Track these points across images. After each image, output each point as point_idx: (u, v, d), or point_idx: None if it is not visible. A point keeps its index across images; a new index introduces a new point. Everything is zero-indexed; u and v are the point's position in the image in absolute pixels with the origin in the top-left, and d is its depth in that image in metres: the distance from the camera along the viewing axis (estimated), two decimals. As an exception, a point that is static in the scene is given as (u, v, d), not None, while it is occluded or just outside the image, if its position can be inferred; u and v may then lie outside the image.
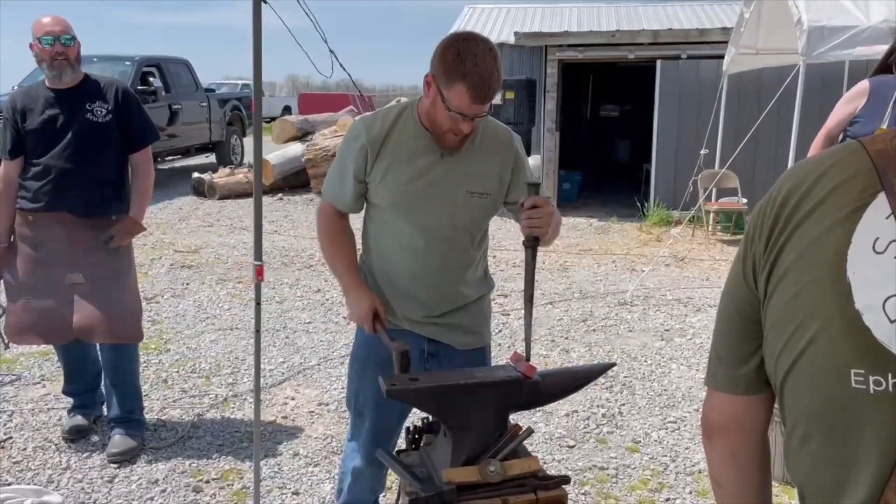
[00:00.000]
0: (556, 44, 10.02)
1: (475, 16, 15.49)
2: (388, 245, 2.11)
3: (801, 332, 0.87)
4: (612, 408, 3.82)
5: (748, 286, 0.97)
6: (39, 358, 4.38)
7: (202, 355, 4.52)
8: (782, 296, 0.90)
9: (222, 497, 2.98)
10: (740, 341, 1.00)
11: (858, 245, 0.84)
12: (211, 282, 6.16)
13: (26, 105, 3.14)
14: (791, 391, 0.91)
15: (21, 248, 3.19)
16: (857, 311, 0.83)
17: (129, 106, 3.22)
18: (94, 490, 3.01)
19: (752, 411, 1.02)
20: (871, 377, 0.82)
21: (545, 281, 6.44)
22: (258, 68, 2.58)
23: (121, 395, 3.35)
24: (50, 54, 3.06)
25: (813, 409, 0.89)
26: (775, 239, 0.91)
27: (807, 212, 0.88)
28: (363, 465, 2.25)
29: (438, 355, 2.14)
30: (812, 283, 0.87)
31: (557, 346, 4.78)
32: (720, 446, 1.06)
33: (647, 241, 8.24)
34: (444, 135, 1.96)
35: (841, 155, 0.90)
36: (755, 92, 8.24)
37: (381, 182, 2.03)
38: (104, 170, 3.17)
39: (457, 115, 1.88)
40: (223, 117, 13.43)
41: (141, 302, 3.42)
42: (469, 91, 1.83)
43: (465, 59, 1.82)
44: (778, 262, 0.91)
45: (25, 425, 3.55)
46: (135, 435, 3.31)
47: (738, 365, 1.00)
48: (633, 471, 3.21)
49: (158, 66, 11.55)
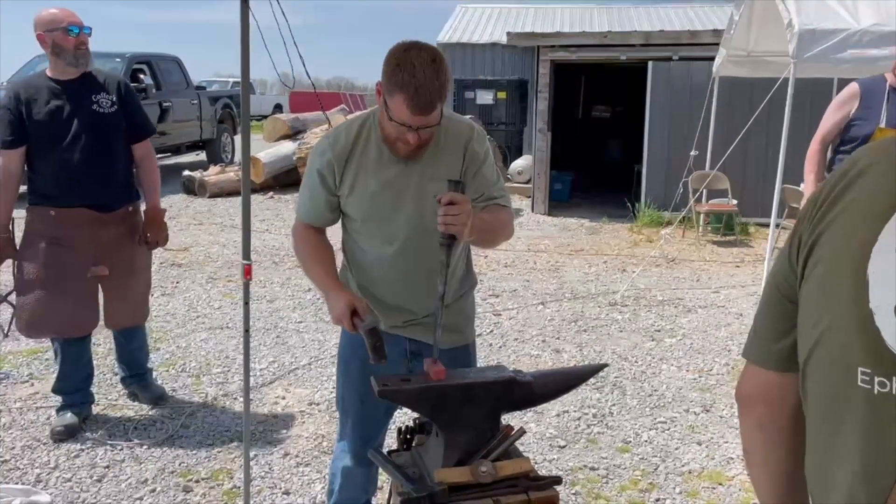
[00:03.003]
0: (549, 44, 10.03)
1: (467, 15, 15.51)
2: (363, 256, 2.12)
3: (820, 322, 0.88)
4: (602, 408, 3.83)
5: (790, 264, 0.97)
6: (28, 357, 4.35)
7: (192, 354, 4.50)
8: (813, 282, 0.91)
9: (212, 497, 2.97)
10: (776, 318, 1.00)
11: (883, 244, 0.83)
12: (201, 280, 6.13)
13: (30, 95, 3.17)
14: (809, 376, 0.92)
15: (35, 241, 3.22)
16: (871, 310, 0.83)
17: (131, 99, 3.35)
18: (83, 489, 2.99)
19: (781, 388, 1.02)
20: (877, 378, 0.82)
21: (536, 281, 6.45)
22: (245, 66, 2.57)
23: (134, 356, 3.70)
24: (75, 43, 3.16)
25: (820, 399, 0.90)
26: (817, 222, 0.92)
27: (850, 201, 0.88)
28: (352, 465, 2.26)
29: (421, 354, 2.13)
30: (836, 274, 0.87)
31: (548, 346, 4.78)
32: (749, 417, 1.07)
33: (638, 242, 8.27)
34: (395, 144, 1.95)
35: (891, 150, 0.90)
36: (746, 94, 8.28)
37: (349, 195, 2.04)
38: (115, 160, 3.29)
39: (399, 126, 1.86)
40: (214, 115, 13.37)
41: (151, 282, 3.69)
42: (407, 102, 1.81)
43: (403, 69, 1.80)
44: (816, 246, 0.91)
45: (13, 424, 3.52)
46: (154, 384, 3.80)
47: (772, 340, 1.01)
48: (624, 471, 3.22)
49: (149, 63, 11.49)
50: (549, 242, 8.18)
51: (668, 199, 8.60)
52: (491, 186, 2.07)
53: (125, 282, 3.37)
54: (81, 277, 3.24)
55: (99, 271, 3.26)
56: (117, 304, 3.37)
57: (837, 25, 5.21)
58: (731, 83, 8.33)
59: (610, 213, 9.71)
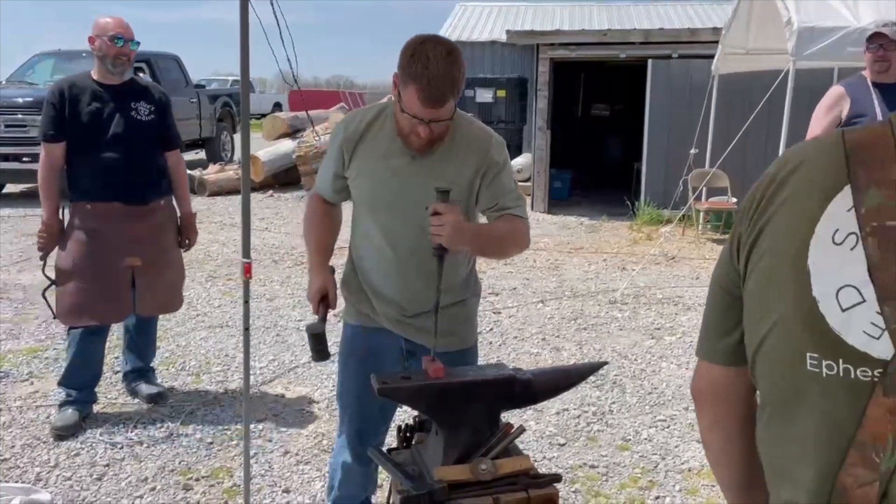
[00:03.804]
0: (548, 42, 10.02)
1: (467, 14, 15.49)
2: (364, 244, 2.14)
3: (767, 315, 0.92)
4: (602, 406, 3.83)
5: (732, 263, 1.01)
6: (27, 355, 4.36)
7: (192, 353, 4.51)
8: (756, 278, 0.95)
9: (212, 495, 2.97)
10: (723, 315, 1.04)
11: (820, 235, 0.88)
12: (201, 279, 6.13)
13: (74, 94, 3.35)
14: (759, 369, 0.97)
15: (76, 234, 3.39)
16: (814, 298, 0.87)
17: (168, 112, 3.58)
18: (83, 488, 2.99)
19: (733, 382, 1.06)
20: (825, 361, 0.86)
21: (536, 279, 6.45)
22: (245, 64, 2.57)
23: (141, 350, 3.79)
24: (116, 52, 3.34)
25: (773, 388, 0.94)
26: (755, 221, 0.96)
27: (785, 197, 0.93)
28: (351, 462, 2.27)
29: (416, 354, 2.13)
30: (779, 268, 0.91)
31: (548, 344, 4.78)
32: (705, 412, 1.12)
33: (637, 240, 8.27)
34: (408, 136, 1.95)
35: (823, 144, 0.94)
36: (745, 92, 8.27)
37: (355, 179, 2.06)
38: (147, 163, 3.47)
39: (411, 118, 1.86)
40: (213, 113, 13.37)
41: (185, 271, 3.80)
42: (419, 93, 1.81)
43: (417, 60, 1.81)
44: (757, 244, 0.95)
45: (13, 422, 3.53)
46: (155, 381, 3.86)
47: (721, 337, 1.05)
48: (624, 469, 3.22)
49: (148, 61, 11.47)
50: (548, 241, 8.18)
51: (667, 197, 8.60)
52: (506, 196, 2.05)
53: (157, 271, 3.52)
54: (115, 268, 3.39)
55: (131, 262, 3.41)
56: (149, 292, 3.50)
57: (837, 23, 5.21)
58: (730, 81, 8.33)
59: (609, 212, 9.70)
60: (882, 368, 0.83)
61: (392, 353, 2.18)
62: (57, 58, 10.99)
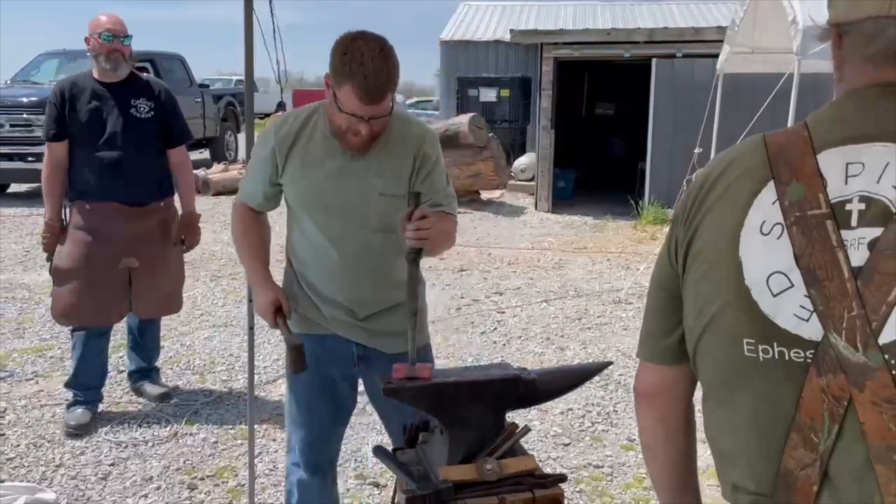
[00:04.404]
0: (552, 42, 10.01)
1: (470, 13, 15.50)
2: (305, 248, 2.09)
3: (706, 308, 0.97)
4: (607, 406, 3.83)
5: (671, 265, 1.05)
6: (32, 354, 4.37)
7: (196, 352, 4.51)
8: (693, 275, 1.00)
9: (217, 494, 2.97)
10: (665, 316, 1.08)
11: (749, 227, 0.93)
12: (205, 278, 6.14)
13: (74, 93, 3.34)
14: (701, 362, 1.01)
15: (74, 234, 3.37)
16: (747, 286, 0.92)
17: (171, 106, 3.51)
18: (88, 487, 2.99)
19: (677, 380, 1.10)
20: (760, 346, 0.91)
21: (540, 279, 6.44)
22: (249, 64, 2.57)
23: (145, 350, 3.79)
24: (107, 49, 3.32)
25: (716, 377, 0.99)
26: (689, 221, 1.01)
27: (716, 198, 0.98)
28: (307, 477, 2.20)
29: (369, 359, 2.10)
30: (714, 262, 0.96)
31: (552, 343, 4.78)
32: (649, 412, 1.15)
33: (641, 240, 8.26)
34: (345, 136, 1.90)
35: (746, 147, 1.00)
36: (750, 91, 8.25)
37: (292, 185, 2.01)
38: (146, 162, 3.43)
39: (349, 116, 1.83)
40: (217, 113, 13.39)
41: (184, 274, 3.74)
42: (356, 92, 1.78)
43: (351, 59, 1.77)
44: (692, 243, 1.00)
45: (18, 422, 3.53)
46: (160, 381, 3.85)
47: (663, 337, 1.09)
48: (628, 469, 3.21)
49: (152, 61, 11.49)
50: (552, 240, 8.17)
51: (671, 196, 8.58)
52: (439, 192, 2.02)
53: (155, 273, 3.49)
54: (113, 268, 3.37)
55: (129, 263, 3.39)
56: (146, 293, 3.48)
57: (842, 22, 5.18)
58: (735, 80, 8.30)
59: (613, 211, 9.69)
60: (813, 349, 0.88)
61: (344, 358, 2.11)
62: (61, 57, 11.01)
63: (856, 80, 0.96)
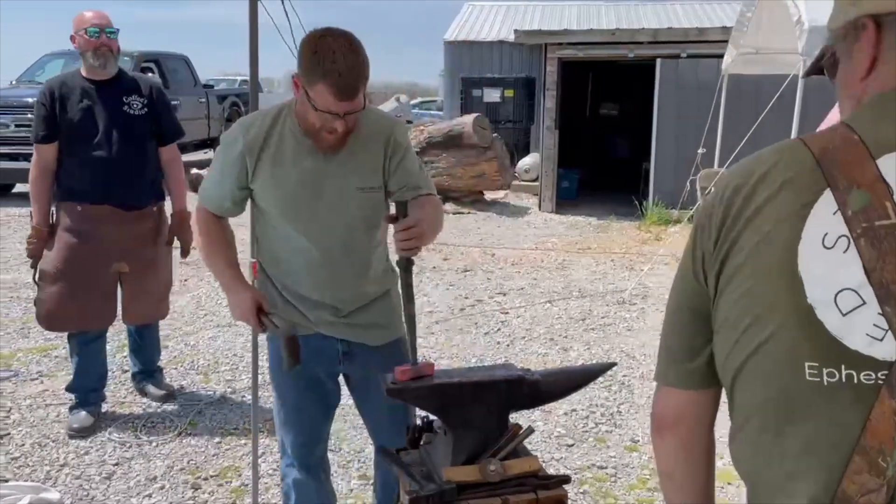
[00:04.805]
0: (556, 42, 10.00)
1: (475, 13, 15.50)
2: (283, 251, 2.05)
3: (755, 329, 0.89)
4: (611, 407, 3.82)
5: (698, 282, 0.98)
6: (37, 354, 4.38)
7: (200, 352, 4.52)
8: (733, 293, 0.92)
9: (220, 494, 2.98)
10: (690, 336, 1.01)
11: (808, 241, 0.85)
12: (209, 278, 6.14)
13: (64, 93, 3.26)
14: (744, 386, 0.92)
15: (63, 237, 3.30)
16: (810, 305, 0.85)
17: (162, 103, 3.44)
18: (92, 487, 3.00)
19: (703, 405, 1.04)
20: (825, 369, 0.84)
21: (543, 279, 6.44)
22: (254, 64, 2.57)
23: (146, 352, 3.77)
24: (94, 45, 3.25)
25: (767, 402, 0.90)
26: (724, 236, 0.93)
27: (755, 209, 0.90)
28: (303, 476, 2.21)
29: (353, 354, 2.10)
30: (764, 279, 0.88)
31: (556, 344, 4.77)
32: (672, 440, 1.07)
33: (645, 240, 8.24)
34: (319, 134, 1.89)
35: (784, 153, 0.92)
36: (754, 91, 8.23)
37: (265, 188, 1.97)
38: (141, 161, 3.36)
39: (324, 114, 1.82)
40: (222, 113, 13.41)
41: (172, 279, 3.72)
42: (331, 89, 1.77)
43: (323, 57, 1.77)
44: (728, 259, 0.92)
45: (23, 421, 3.54)
46: (163, 381, 3.84)
47: (689, 360, 1.02)
48: (632, 470, 3.21)
49: (157, 61, 11.52)
50: (556, 240, 8.16)
51: (675, 197, 8.57)
52: (415, 176, 2.03)
53: (145, 278, 3.44)
54: (102, 273, 3.32)
55: (119, 268, 3.35)
56: (136, 300, 3.44)
57: (847, 22, 5.17)
58: (739, 80, 8.29)
59: (618, 211, 9.68)
60: (887, 370, 0.82)
61: (329, 356, 2.11)
62: (67, 58, 11.03)
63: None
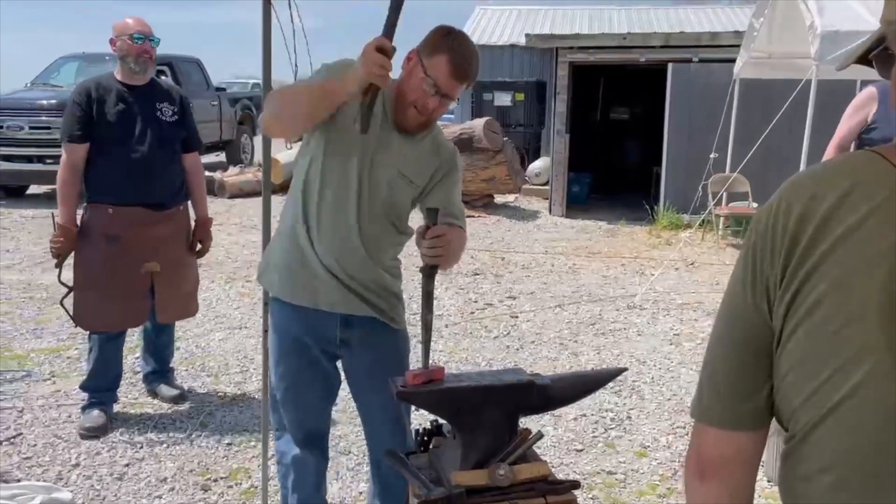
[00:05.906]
0: (567, 46, 10.00)
1: (486, 17, 15.50)
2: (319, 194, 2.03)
3: (845, 374, 0.78)
4: (620, 412, 3.81)
5: (759, 314, 0.87)
6: (49, 355, 4.41)
7: (211, 354, 4.54)
8: (813, 332, 0.81)
9: (230, 496, 2.99)
10: (746, 373, 0.91)
11: None
12: (220, 280, 6.18)
13: (100, 94, 3.35)
14: (828, 435, 0.82)
15: (95, 239, 3.37)
16: None
17: (189, 113, 3.61)
18: (104, 487, 3.02)
19: (752, 449, 0.94)
20: None
21: (554, 283, 6.43)
22: (267, 66, 2.58)
23: (161, 352, 3.81)
24: (138, 50, 3.36)
25: (855, 455, 0.80)
26: (797, 265, 0.82)
27: (838, 237, 0.79)
28: (302, 452, 2.27)
29: (352, 324, 2.12)
30: (856, 320, 0.78)
31: (566, 349, 4.76)
32: (716, 485, 0.96)
33: (656, 245, 8.22)
34: (407, 109, 1.98)
35: (859, 172, 0.82)
36: (766, 96, 8.19)
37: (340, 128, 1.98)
38: (171, 165, 3.49)
39: (431, 84, 1.92)
40: (234, 116, 13.47)
41: (199, 277, 3.84)
42: (450, 64, 1.92)
43: (453, 37, 1.96)
44: (802, 292, 0.82)
45: (35, 422, 3.57)
46: (175, 382, 3.88)
47: (740, 400, 0.92)
48: (642, 476, 3.20)
49: (170, 64, 11.57)
50: (566, 245, 8.15)
51: (687, 201, 8.54)
52: (455, 206, 2.10)
53: (176, 277, 3.54)
54: (135, 273, 3.39)
55: (151, 267, 3.43)
56: (170, 298, 3.53)
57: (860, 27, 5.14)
58: (751, 85, 8.26)
59: (628, 216, 9.66)
60: None
61: (327, 337, 2.14)
62: (81, 60, 11.13)
63: None
